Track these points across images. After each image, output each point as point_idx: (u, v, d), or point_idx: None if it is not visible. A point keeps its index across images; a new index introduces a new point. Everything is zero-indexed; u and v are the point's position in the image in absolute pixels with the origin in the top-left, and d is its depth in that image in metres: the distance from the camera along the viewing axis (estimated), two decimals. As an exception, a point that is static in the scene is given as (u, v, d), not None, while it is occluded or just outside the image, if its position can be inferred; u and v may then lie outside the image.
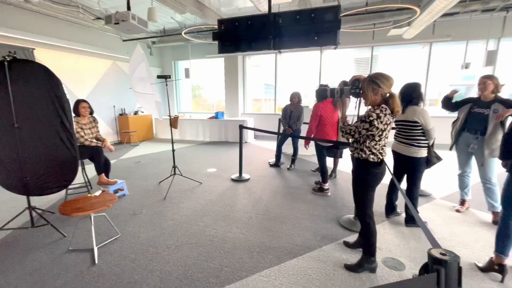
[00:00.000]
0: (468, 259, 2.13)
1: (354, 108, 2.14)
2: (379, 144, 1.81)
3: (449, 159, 3.47)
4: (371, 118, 1.72)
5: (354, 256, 2.17)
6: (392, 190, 2.84)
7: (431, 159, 2.65)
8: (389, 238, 2.45)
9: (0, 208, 3.10)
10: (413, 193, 2.62)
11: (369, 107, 1.86)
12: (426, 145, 2.51)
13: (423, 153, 2.50)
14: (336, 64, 7.58)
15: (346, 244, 2.33)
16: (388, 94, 1.77)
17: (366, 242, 1.96)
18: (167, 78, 3.38)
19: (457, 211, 2.98)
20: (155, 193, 3.59)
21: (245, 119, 7.44)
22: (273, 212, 3.00)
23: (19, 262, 2.10)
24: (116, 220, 2.81)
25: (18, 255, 2.19)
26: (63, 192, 3.36)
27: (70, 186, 3.46)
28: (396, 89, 1.89)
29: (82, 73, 6.25)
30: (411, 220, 2.65)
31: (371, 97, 1.77)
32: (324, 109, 3.40)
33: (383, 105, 1.77)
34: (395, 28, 5.74)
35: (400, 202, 2.94)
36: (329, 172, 4.14)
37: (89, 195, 2.33)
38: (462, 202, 3.01)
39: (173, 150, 3.81)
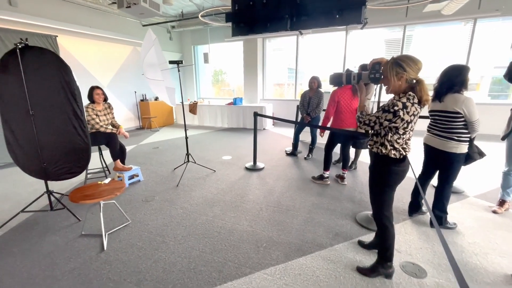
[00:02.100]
0: (504, 269, 1.86)
1: (374, 96, 1.89)
2: (403, 138, 1.58)
3: (489, 152, 3.07)
4: (396, 108, 1.48)
5: (369, 258, 2.00)
6: (419, 187, 2.56)
7: (472, 155, 2.32)
8: (410, 239, 2.23)
9: (26, 190, 3.29)
10: (444, 193, 2.34)
11: (392, 95, 1.61)
12: (468, 139, 2.18)
13: (463, 148, 2.18)
14: (364, 46, 6.98)
15: (361, 244, 2.16)
16: (414, 80, 1.51)
17: (382, 246, 1.78)
18: (179, 63, 3.28)
19: (494, 212, 2.64)
20: (169, 180, 3.61)
21: (263, 105, 7.24)
22: (285, 204, 2.88)
23: (36, 244, 2.20)
24: (128, 206, 2.86)
25: (36, 237, 2.30)
26: (83, 176, 3.49)
27: (89, 171, 3.60)
28: (434, 74, 1.60)
29: (104, 59, 6.38)
30: (438, 220, 2.39)
31: (394, 83, 1.52)
32: (342, 95, 3.13)
33: (411, 93, 1.52)
34: (432, 3, 5.08)
35: (427, 199, 2.66)
36: (350, 163, 3.92)
37: (99, 182, 2.36)
38: (502, 203, 2.66)
39: (186, 138, 3.77)
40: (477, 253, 2.04)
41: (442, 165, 2.32)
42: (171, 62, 3.27)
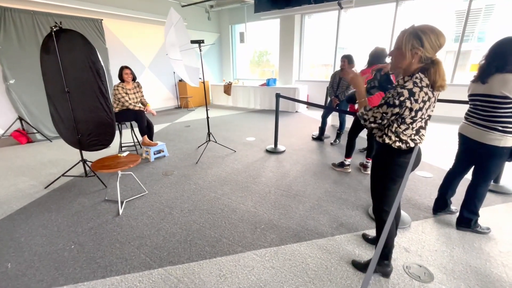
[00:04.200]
0: (538, 288, 1.55)
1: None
2: (412, 128, 1.35)
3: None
4: (401, 98, 1.23)
5: (370, 253, 1.86)
6: (449, 182, 2.24)
7: None
8: (425, 239, 1.99)
9: (72, 158, 3.79)
10: (478, 191, 2.00)
11: (399, 77, 1.38)
12: None
13: (509, 141, 1.79)
14: (424, 20, 5.99)
15: (365, 237, 2.01)
16: (430, 60, 1.25)
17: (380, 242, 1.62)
18: (201, 43, 3.30)
19: (548, 220, 2.18)
20: (191, 157, 3.79)
21: (296, 87, 6.96)
22: (295, 189, 2.80)
23: (69, 203, 2.56)
24: (149, 178, 3.11)
25: (70, 197, 2.67)
26: (117, 149, 3.89)
27: (123, 145, 3.97)
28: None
29: (146, 41, 6.77)
30: (466, 222, 2.07)
31: (406, 58, 1.27)
32: (370, 77, 2.80)
33: (418, 75, 1.27)
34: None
35: (457, 197, 2.32)
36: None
37: (119, 155, 2.60)
38: (560, 210, 2.17)
39: (208, 117, 3.87)
40: (506, 265, 1.73)
41: (480, 159, 1.96)
42: (193, 41, 3.31)
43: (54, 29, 2.54)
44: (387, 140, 1.41)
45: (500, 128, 1.79)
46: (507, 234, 2.04)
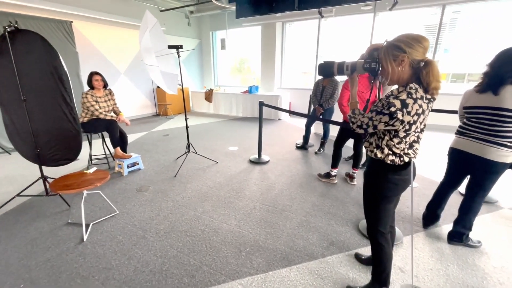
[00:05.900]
0: (537, 309, 1.49)
1: (372, 88, 1.53)
2: (405, 142, 1.24)
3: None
4: (392, 109, 1.14)
5: (364, 276, 1.72)
6: (441, 198, 2.17)
7: None
8: (419, 256, 1.90)
9: (33, 174, 3.37)
10: (474, 207, 1.94)
11: (392, 88, 1.28)
12: None
13: None
14: (398, 31, 6.18)
15: (358, 257, 1.88)
16: (423, 63, 1.16)
17: (377, 267, 1.49)
18: (179, 48, 3.10)
19: (534, 230, 2.18)
20: (168, 170, 3.52)
21: (279, 94, 6.89)
22: (281, 203, 2.64)
23: (24, 230, 2.21)
24: (121, 195, 2.81)
25: (25, 222, 2.32)
26: (86, 162, 3.54)
27: (93, 158, 3.63)
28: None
29: (121, 45, 6.41)
30: (458, 236, 2.01)
31: (393, 69, 1.19)
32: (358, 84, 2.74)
33: (412, 85, 1.17)
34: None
35: (448, 210, 2.27)
36: (363, 161, 3.54)
37: (85, 171, 2.30)
38: (544, 220, 2.18)
39: (187, 127, 3.64)
40: (503, 282, 1.67)
41: (479, 174, 1.87)
42: (170, 46, 3.09)
43: (8, 29, 2.23)
44: (379, 154, 1.29)
45: (508, 144, 1.71)
46: (497, 246, 2.00)
